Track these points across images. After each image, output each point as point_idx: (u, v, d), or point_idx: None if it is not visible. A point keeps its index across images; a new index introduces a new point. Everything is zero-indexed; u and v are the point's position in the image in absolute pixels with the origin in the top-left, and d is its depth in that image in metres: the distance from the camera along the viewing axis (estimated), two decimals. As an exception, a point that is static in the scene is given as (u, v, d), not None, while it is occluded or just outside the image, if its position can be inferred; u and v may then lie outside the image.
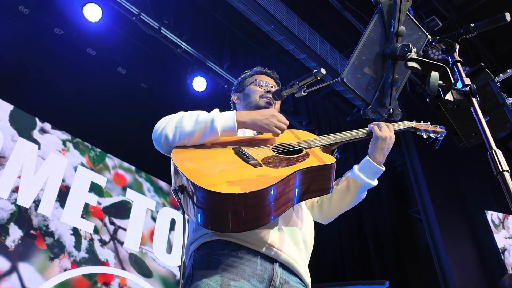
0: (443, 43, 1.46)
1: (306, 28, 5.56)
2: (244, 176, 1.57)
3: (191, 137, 1.73)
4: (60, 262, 4.14)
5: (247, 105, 2.19)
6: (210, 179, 1.53)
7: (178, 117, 1.80)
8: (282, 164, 1.66)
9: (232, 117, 1.78)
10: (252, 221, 1.52)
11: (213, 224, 1.55)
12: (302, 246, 1.77)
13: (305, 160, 1.71)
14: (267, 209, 1.53)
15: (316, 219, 2.08)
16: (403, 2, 1.38)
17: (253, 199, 1.48)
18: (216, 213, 1.52)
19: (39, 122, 4.66)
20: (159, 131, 1.79)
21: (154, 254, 4.85)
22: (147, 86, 5.52)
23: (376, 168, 1.99)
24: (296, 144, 1.86)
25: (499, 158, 1.16)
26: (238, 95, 2.29)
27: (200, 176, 1.55)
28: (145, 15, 4.94)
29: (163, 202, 5.29)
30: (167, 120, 1.81)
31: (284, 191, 1.57)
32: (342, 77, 1.31)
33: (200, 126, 1.73)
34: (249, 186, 1.48)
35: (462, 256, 5.56)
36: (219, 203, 1.49)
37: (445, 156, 6.16)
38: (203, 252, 1.66)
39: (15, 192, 4.15)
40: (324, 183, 1.73)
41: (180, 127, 1.74)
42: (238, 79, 2.36)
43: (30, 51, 4.85)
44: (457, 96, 1.31)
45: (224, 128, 1.75)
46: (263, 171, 1.61)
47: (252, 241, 1.62)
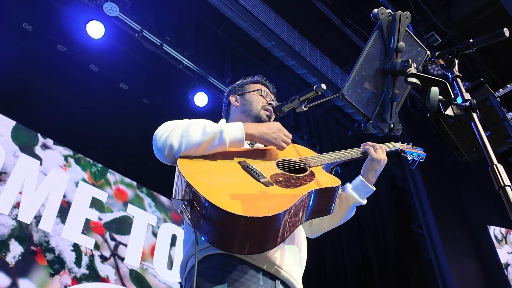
0: (443, 59, 1.47)
1: (306, 44, 5.61)
2: (256, 195, 1.54)
3: (198, 148, 1.68)
4: (60, 278, 4.11)
5: (246, 111, 2.17)
6: (222, 197, 1.48)
7: (184, 125, 1.73)
8: (291, 184, 1.65)
9: (240, 129, 1.76)
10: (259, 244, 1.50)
11: (221, 243, 1.52)
12: (299, 264, 1.78)
13: (313, 180, 1.70)
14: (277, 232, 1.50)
15: None
16: (402, 19, 1.39)
17: (269, 222, 1.45)
18: (227, 233, 1.47)
19: (41, 137, 4.67)
20: (162, 139, 1.70)
21: (155, 270, 4.82)
22: (149, 102, 5.55)
23: (369, 189, 2.05)
24: (300, 162, 1.86)
25: (501, 173, 1.16)
26: (237, 97, 2.25)
27: (214, 194, 1.49)
28: (147, 31, 4.99)
29: (164, 218, 5.27)
30: (172, 128, 1.73)
31: (295, 213, 1.55)
32: (342, 92, 1.31)
33: (209, 137, 1.69)
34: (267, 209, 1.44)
35: (465, 271, 5.51)
36: (234, 224, 1.44)
37: (447, 171, 6.15)
38: (210, 265, 1.62)
39: (16, 208, 4.14)
40: (327, 204, 1.73)
41: (187, 137, 1.68)
42: (238, 82, 2.35)
43: (33, 67, 4.89)
44: (457, 111, 1.32)
45: (232, 140, 1.73)
46: (275, 190, 1.58)
47: (254, 257, 1.62)
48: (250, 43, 5.61)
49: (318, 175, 1.76)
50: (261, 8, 5.14)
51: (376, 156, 2.06)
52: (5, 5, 4.55)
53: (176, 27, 5.11)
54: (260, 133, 1.81)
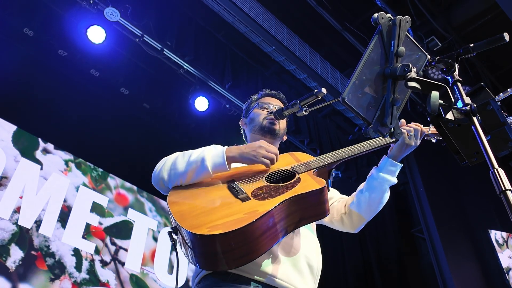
0: (443, 63, 1.47)
1: (306, 49, 5.62)
2: (230, 212, 1.58)
3: (184, 178, 1.76)
4: (60, 283, 4.10)
5: (252, 129, 2.23)
6: (196, 221, 1.55)
7: (173, 158, 1.83)
8: (270, 195, 1.66)
9: (221, 153, 1.79)
10: (242, 257, 1.52)
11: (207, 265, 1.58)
12: (306, 271, 1.76)
13: (294, 187, 1.71)
14: (256, 244, 1.53)
15: (346, 229, 2.10)
16: (402, 23, 1.40)
17: (238, 237, 1.49)
18: (207, 254, 1.53)
19: (42, 142, 4.68)
20: (156, 173, 1.84)
21: (155, 275, 4.81)
22: (149, 106, 5.56)
23: (398, 166, 2.04)
24: (290, 170, 1.86)
25: (502, 177, 1.16)
26: (244, 120, 2.34)
27: (188, 218, 1.57)
28: (148, 36, 5.01)
29: (164, 222, 5.26)
30: (163, 163, 1.85)
31: (271, 224, 1.57)
32: (343, 96, 1.32)
33: (192, 167, 1.75)
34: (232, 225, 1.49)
35: (466, 275, 5.49)
36: (205, 245, 1.51)
37: (448, 175, 6.14)
38: (204, 284, 1.69)
39: (17, 213, 4.14)
40: (318, 207, 1.73)
41: (174, 169, 1.78)
42: (245, 104, 2.41)
43: (34, 72, 4.90)
44: (457, 115, 1.32)
45: (214, 165, 1.77)
46: (250, 205, 1.61)
47: (246, 270, 1.64)
48: (250, 48, 5.63)
49: (303, 181, 1.76)
50: (261, 13, 5.15)
51: (409, 142, 2.03)
52: (6, 11, 4.57)
53: (177, 32, 5.12)
54: (240, 154, 1.82)
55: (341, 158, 1.96)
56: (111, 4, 4.70)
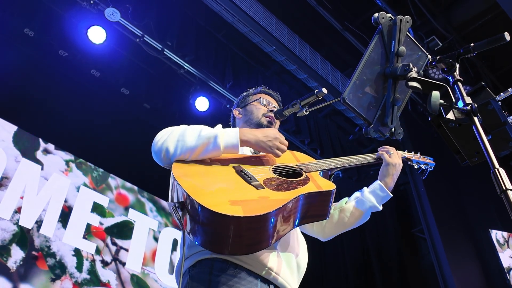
0: (444, 63, 1.47)
1: (307, 49, 5.62)
2: (247, 197, 1.55)
3: (192, 152, 1.70)
4: (61, 283, 4.10)
5: (248, 121, 2.21)
6: (213, 199, 1.50)
7: (180, 130, 1.76)
8: (283, 187, 1.65)
9: (235, 134, 1.76)
10: (252, 245, 1.50)
11: (212, 245, 1.52)
12: (295, 270, 1.76)
13: (306, 184, 1.70)
14: (267, 234, 1.51)
15: (316, 235, 2.09)
16: (403, 23, 1.40)
17: (257, 223, 1.46)
18: (217, 234, 1.48)
19: (42, 142, 4.68)
20: (159, 144, 1.74)
21: (156, 275, 4.81)
22: (150, 107, 5.56)
23: (386, 194, 2.05)
24: (296, 167, 1.86)
25: (502, 176, 1.16)
26: (239, 110, 2.31)
27: (203, 195, 1.51)
28: (148, 37, 5.00)
29: (165, 222, 5.26)
30: (169, 133, 1.76)
31: (285, 216, 1.56)
32: (343, 96, 1.32)
33: (203, 141, 1.70)
34: (254, 209, 1.46)
35: (467, 275, 5.49)
36: (222, 225, 1.45)
37: (448, 175, 6.14)
38: (201, 270, 1.62)
39: (18, 213, 4.14)
40: (322, 209, 1.73)
41: (182, 141, 1.70)
42: (241, 95, 2.39)
43: (34, 72, 4.90)
44: (458, 115, 1.32)
45: (227, 145, 1.73)
46: (265, 193, 1.59)
47: (251, 263, 1.61)
48: (251, 48, 5.63)
49: (313, 180, 1.76)
50: (262, 13, 5.15)
51: (391, 161, 2.08)
52: (6, 11, 4.57)
53: (177, 32, 5.13)
54: (255, 140, 1.80)
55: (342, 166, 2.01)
56: (112, 4, 4.70)
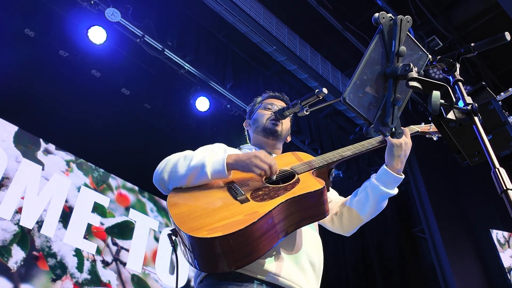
0: (444, 63, 1.47)
1: (307, 49, 5.62)
2: (229, 215, 1.58)
3: (184, 181, 1.76)
4: (62, 283, 4.11)
5: (255, 129, 2.24)
6: (195, 223, 1.55)
7: (175, 160, 1.83)
8: (269, 196, 1.66)
9: (222, 161, 1.77)
10: (245, 257, 1.52)
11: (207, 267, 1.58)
12: (309, 269, 1.76)
13: (293, 188, 1.70)
14: (256, 245, 1.53)
15: (337, 231, 2.09)
16: (403, 23, 1.40)
17: (238, 239, 1.49)
18: (208, 257, 1.53)
19: (43, 143, 4.68)
20: (158, 173, 1.84)
21: (156, 275, 4.81)
22: (150, 107, 5.56)
23: (394, 177, 1.93)
24: (290, 170, 1.85)
25: (503, 176, 1.15)
26: (248, 121, 2.36)
27: (187, 220, 1.57)
28: (148, 37, 5.01)
29: (166, 222, 5.27)
30: (165, 163, 1.85)
31: (270, 225, 1.57)
32: (344, 96, 1.32)
33: (192, 172, 1.75)
34: (231, 227, 1.49)
35: (467, 275, 5.49)
36: (205, 248, 1.51)
37: (449, 175, 6.14)
38: (206, 283, 1.70)
39: (18, 213, 4.14)
40: (317, 208, 1.72)
41: (175, 171, 1.78)
42: (249, 106, 2.42)
43: (35, 72, 4.90)
44: (459, 115, 1.32)
45: (214, 172, 1.75)
46: (248, 206, 1.61)
47: (249, 268, 1.63)
48: (251, 48, 5.63)
49: (302, 182, 1.75)
50: (262, 13, 5.15)
51: (395, 141, 1.91)
52: (7, 11, 4.57)
53: (178, 32, 5.13)
54: (237, 161, 1.78)
55: (341, 158, 1.94)
56: (112, 5, 4.70)
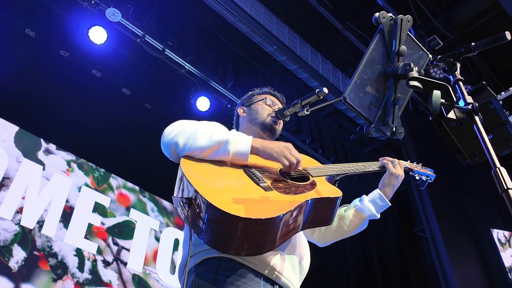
0: (444, 62, 1.47)
1: (308, 48, 5.62)
2: (255, 198, 1.55)
3: (201, 152, 1.68)
4: (63, 283, 4.11)
5: (252, 120, 2.21)
6: (221, 197, 1.49)
7: (193, 127, 1.74)
8: (291, 191, 1.65)
9: (247, 143, 1.72)
10: (259, 246, 1.50)
11: (219, 244, 1.52)
12: (298, 270, 1.77)
13: (313, 189, 1.70)
14: (273, 236, 1.51)
15: (314, 241, 2.11)
16: (403, 22, 1.40)
17: (265, 225, 1.46)
18: (224, 234, 1.48)
19: (44, 143, 4.69)
20: (170, 136, 1.73)
21: (157, 275, 4.81)
22: (151, 107, 5.57)
23: (385, 203, 2.09)
24: (303, 171, 1.85)
25: (504, 176, 1.15)
26: (244, 109, 2.31)
27: (212, 193, 1.50)
28: (149, 37, 5.01)
29: (166, 222, 5.27)
30: (181, 127, 1.75)
31: (292, 220, 1.56)
32: (344, 96, 1.32)
33: (214, 144, 1.68)
34: (263, 212, 1.46)
35: (468, 275, 5.49)
36: (230, 225, 1.45)
37: (449, 174, 6.13)
38: (207, 268, 1.63)
39: (19, 213, 4.15)
40: (327, 214, 1.73)
41: (193, 139, 1.69)
42: (247, 94, 2.39)
43: (35, 72, 4.91)
44: (459, 115, 1.32)
45: (236, 152, 1.70)
46: (274, 195, 1.59)
47: (254, 262, 1.62)
48: (251, 47, 5.63)
49: (319, 185, 1.76)
50: (262, 13, 5.15)
51: (394, 172, 2.14)
52: (8, 11, 4.58)
53: (178, 32, 5.13)
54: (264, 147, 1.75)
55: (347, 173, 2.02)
56: (113, 5, 4.70)
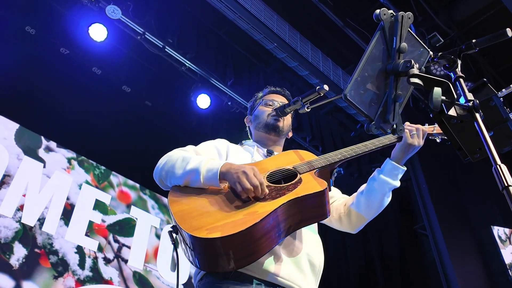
0: (445, 59, 1.47)
1: (308, 45, 5.61)
2: (230, 214, 1.57)
3: (181, 182, 1.77)
4: (64, 280, 4.12)
5: (257, 126, 2.23)
6: (196, 222, 1.55)
7: (174, 159, 1.83)
8: (270, 196, 1.65)
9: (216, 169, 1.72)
10: (245, 258, 1.53)
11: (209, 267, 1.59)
12: (308, 269, 1.76)
13: (296, 188, 1.69)
14: (258, 245, 1.53)
15: (346, 229, 2.09)
16: (404, 19, 1.39)
17: (238, 239, 1.49)
18: (206, 256, 1.54)
19: (44, 140, 4.69)
20: (157, 170, 1.86)
21: (158, 272, 4.82)
22: (151, 104, 5.56)
23: (400, 169, 1.99)
24: (291, 169, 1.83)
25: (504, 173, 1.15)
26: (249, 117, 2.34)
27: (188, 219, 1.57)
28: (149, 34, 5.00)
29: (167, 220, 5.27)
30: (165, 161, 1.86)
31: (272, 226, 1.57)
32: (345, 93, 1.31)
33: (187, 175, 1.75)
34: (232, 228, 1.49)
35: (469, 272, 5.49)
36: (205, 247, 1.52)
37: (450, 171, 6.13)
38: (205, 281, 1.70)
39: (20, 211, 4.15)
40: (318, 209, 1.72)
41: (172, 172, 1.79)
42: (250, 102, 2.41)
43: (35, 70, 4.90)
44: (460, 112, 1.31)
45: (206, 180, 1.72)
46: (250, 207, 1.61)
47: (249, 267, 1.63)
48: (252, 45, 5.62)
49: (304, 182, 1.74)
50: (263, 10, 5.14)
51: (411, 142, 1.99)
52: (8, 9, 4.57)
53: (179, 30, 5.12)
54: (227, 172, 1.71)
55: (344, 158, 1.93)
56: (113, 2, 4.69)
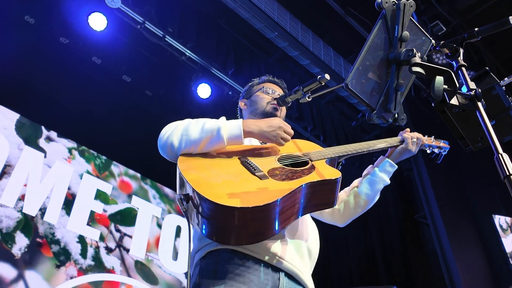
0: (447, 48, 1.46)
1: (309, 34, 5.57)
2: (250, 188, 1.56)
3: (197, 146, 1.72)
4: (66, 269, 4.14)
5: (253, 111, 2.22)
6: (216, 190, 1.52)
7: (185, 124, 1.78)
8: (287, 177, 1.66)
9: (238, 126, 1.76)
10: (257, 234, 1.53)
11: (217, 236, 1.56)
12: (307, 256, 1.78)
13: (311, 173, 1.70)
14: (271, 223, 1.52)
15: (335, 222, 2.15)
16: (406, 8, 1.38)
17: (259, 213, 1.48)
18: (221, 226, 1.51)
19: (45, 130, 4.69)
20: (164, 138, 1.78)
21: (160, 261, 4.85)
22: (152, 94, 5.54)
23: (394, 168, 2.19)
24: (302, 156, 1.86)
25: (506, 162, 1.15)
26: (245, 101, 2.32)
27: (206, 187, 1.53)
28: (149, 23, 4.96)
29: (168, 209, 5.29)
30: (173, 127, 1.79)
31: (289, 205, 1.57)
32: (346, 82, 1.31)
33: (206, 135, 1.71)
34: (255, 200, 1.47)
35: (470, 261, 5.52)
36: (224, 216, 1.48)
37: (451, 161, 6.12)
38: (209, 261, 1.65)
39: (21, 200, 4.17)
40: (328, 197, 1.73)
41: (186, 135, 1.73)
42: (246, 86, 2.39)
43: (35, 60, 4.88)
44: (462, 101, 1.31)
45: (230, 137, 1.74)
46: (269, 183, 1.61)
47: (256, 250, 1.63)
48: (253, 34, 5.58)
49: (318, 168, 1.76)
50: (263, -2, 5.10)
51: (411, 148, 2.21)
52: (7, -2, 4.54)
53: (179, 19, 5.08)
54: (259, 130, 1.80)
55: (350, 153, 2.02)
56: (112, -9, 4.66)
